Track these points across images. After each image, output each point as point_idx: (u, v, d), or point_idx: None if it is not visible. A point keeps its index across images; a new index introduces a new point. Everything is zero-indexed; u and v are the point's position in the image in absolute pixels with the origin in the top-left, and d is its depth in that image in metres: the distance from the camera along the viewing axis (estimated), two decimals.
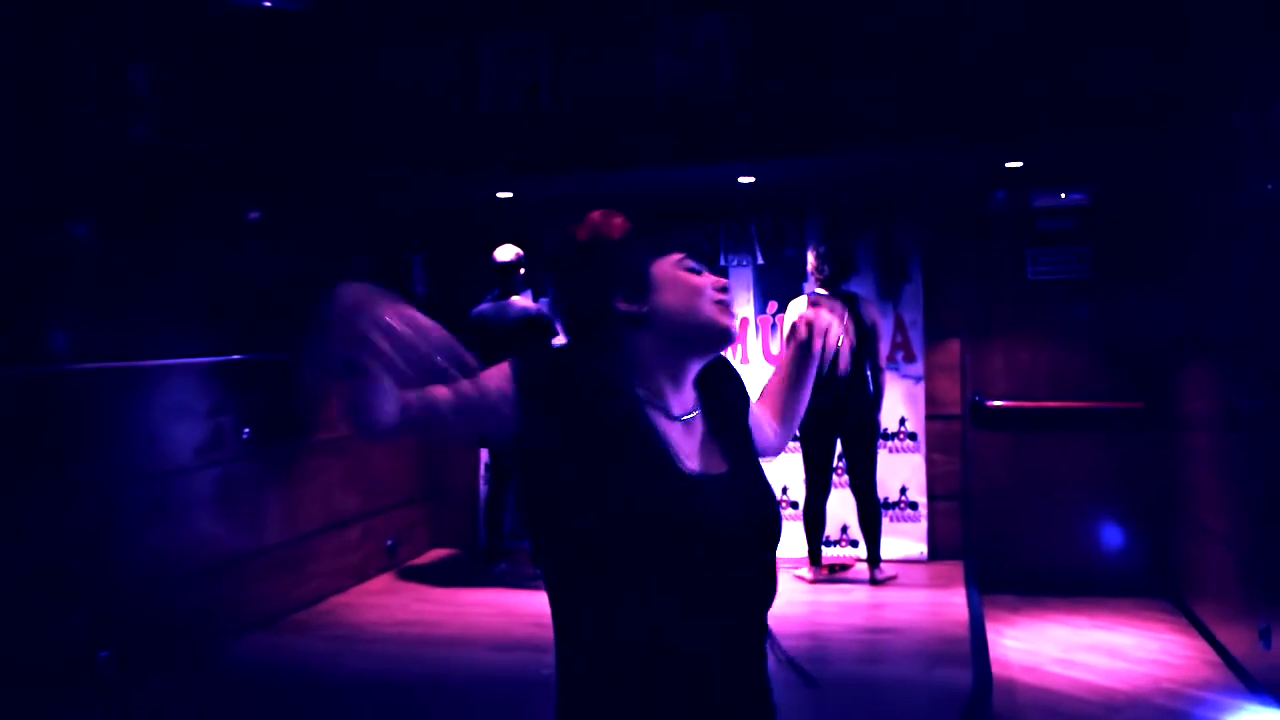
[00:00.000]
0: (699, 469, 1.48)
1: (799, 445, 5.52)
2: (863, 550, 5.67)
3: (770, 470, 1.62)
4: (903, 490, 6.06)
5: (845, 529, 6.04)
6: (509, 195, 6.22)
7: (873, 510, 5.49)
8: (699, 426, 1.55)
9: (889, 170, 5.91)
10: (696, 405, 1.56)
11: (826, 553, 5.94)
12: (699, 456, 1.51)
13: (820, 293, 5.46)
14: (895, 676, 4.34)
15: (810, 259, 5.55)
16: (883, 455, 5.79)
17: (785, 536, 2.08)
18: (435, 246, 6.61)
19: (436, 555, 6.52)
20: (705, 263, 1.57)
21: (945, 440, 6.08)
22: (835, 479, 5.72)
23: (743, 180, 5.87)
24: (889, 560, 5.78)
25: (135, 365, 4.16)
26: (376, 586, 5.75)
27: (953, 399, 6.08)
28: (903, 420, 6.07)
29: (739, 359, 6.26)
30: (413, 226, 6.51)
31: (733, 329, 1.53)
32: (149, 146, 4.30)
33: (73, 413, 3.85)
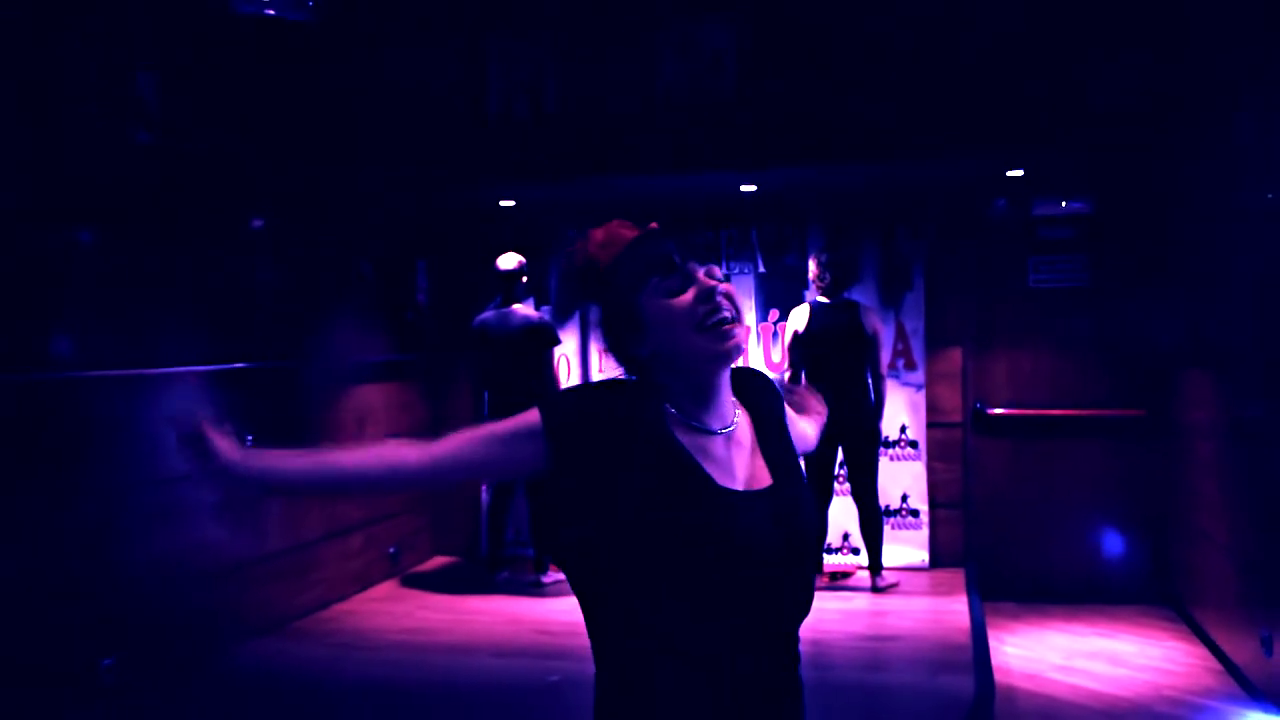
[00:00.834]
0: (741, 482, 1.49)
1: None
2: (864, 558, 5.68)
3: None
4: (904, 498, 6.06)
5: (847, 536, 6.04)
6: (512, 203, 6.24)
7: (874, 518, 5.49)
8: (746, 437, 1.55)
9: (891, 178, 5.92)
10: (739, 415, 1.56)
11: (828, 560, 5.95)
12: (744, 469, 1.52)
13: (822, 300, 5.49)
14: (897, 684, 4.35)
15: (812, 267, 5.58)
16: (884, 463, 5.80)
17: None
18: (438, 252, 6.63)
19: (439, 563, 6.53)
20: (687, 257, 1.50)
21: (946, 448, 6.08)
22: (836, 487, 5.74)
23: (745, 188, 5.89)
24: (890, 568, 5.78)
25: (139, 373, 4.16)
26: (379, 593, 5.76)
27: (954, 406, 6.09)
28: (904, 428, 6.07)
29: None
30: (416, 232, 6.52)
31: (725, 348, 1.47)
32: (150, 148, 4.30)
33: (76, 419, 3.86)
